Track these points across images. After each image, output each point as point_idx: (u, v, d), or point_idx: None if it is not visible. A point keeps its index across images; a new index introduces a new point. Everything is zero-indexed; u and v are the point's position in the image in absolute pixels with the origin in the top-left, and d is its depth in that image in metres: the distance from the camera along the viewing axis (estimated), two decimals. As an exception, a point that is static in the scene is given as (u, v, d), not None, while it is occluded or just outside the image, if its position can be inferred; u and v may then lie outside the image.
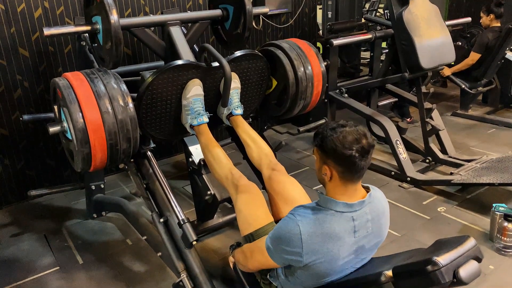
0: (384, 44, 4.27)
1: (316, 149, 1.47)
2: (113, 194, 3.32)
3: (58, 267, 2.58)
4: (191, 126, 2.15)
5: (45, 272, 2.54)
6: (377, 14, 7.30)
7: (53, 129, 2.00)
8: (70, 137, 1.96)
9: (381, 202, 1.53)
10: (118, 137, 1.94)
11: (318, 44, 5.06)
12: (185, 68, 2.08)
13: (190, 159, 2.37)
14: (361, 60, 6.18)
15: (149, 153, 2.32)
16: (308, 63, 2.51)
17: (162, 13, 3.01)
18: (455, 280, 1.22)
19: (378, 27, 4.15)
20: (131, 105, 1.97)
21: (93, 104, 1.88)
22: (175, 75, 2.07)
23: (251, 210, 1.76)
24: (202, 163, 2.27)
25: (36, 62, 3.18)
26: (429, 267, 1.21)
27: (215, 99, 2.29)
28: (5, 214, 3.20)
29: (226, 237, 2.77)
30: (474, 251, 1.29)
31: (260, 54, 2.37)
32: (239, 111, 2.24)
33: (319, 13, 5.42)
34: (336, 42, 3.59)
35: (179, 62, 2.08)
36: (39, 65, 3.20)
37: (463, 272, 1.22)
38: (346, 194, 1.43)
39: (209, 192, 2.26)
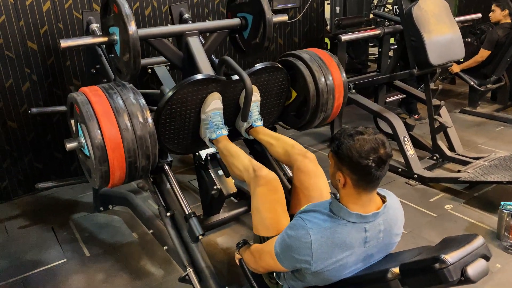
0: (392, 40, 4.24)
1: (331, 154, 1.42)
2: (120, 188, 3.33)
3: (65, 259, 2.60)
4: (210, 140, 2.11)
5: (53, 264, 2.56)
6: (386, 9, 7.24)
7: (70, 145, 1.93)
8: (87, 154, 1.91)
9: (395, 212, 1.49)
10: (137, 155, 1.89)
11: (326, 40, 5.04)
12: (205, 82, 2.03)
13: (197, 154, 2.37)
14: (369, 56, 6.15)
15: (166, 167, 2.26)
16: (329, 74, 2.41)
17: (170, 7, 2.99)
18: (463, 278, 1.21)
19: (387, 23, 4.13)
20: (150, 120, 1.91)
21: (112, 121, 1.82)
22: (195, 89, 2.02)
23: (270, 211, 1.71)
24: (208, 158, 2.27)
25: (44, 55, 3.19)
26: (437, 265, 1.20)
27: (234, 112, 2.24)
28: (13, 206, 3.23)
29: (232, 232, 2.78)
30: (482, 250, 1.28)
31: (280, 66, 2.29)
32: (259, 123, 2.19)
33: (327, 8, 5.40)
34: (344, 37, 3.57)
35: (199, 76, 2.02)
36: (47, 58, 3.22)
37: (471, 270, 1.21)
38: (360, 203, 1.39)
39: (215, 187, 2.26)
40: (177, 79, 3.46)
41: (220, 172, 2.27)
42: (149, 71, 2.83)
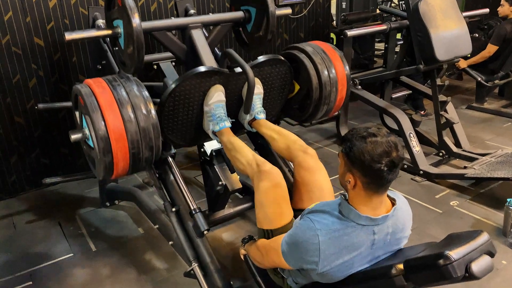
0: (399, 36, 4.22)
1: (342, 155, 1.39)
2: (126, 183, 3.36)
3: (72, 254, 2.63)
4: (213, 132, 2.11)
5: (60, 259, 2.59)
6: (392, 4, 7.19)
7: (74, 137, 1.96)
8: (92, 145, 1.92)
9: (404, 215, 1.47)
10: (140, 146, 1.91)
11: (332, 35, 5.02)
12: (208, 74, 2.04)
13: (202, 150, 2.38)
14: (376, 52, 6.11)
15: (169, 159, 2.27)
16: (332, 67, 2.41)
17: (175, 3, 2.99)
18: (467, 274, 1.21)
19: (393, 18, 4.10)
20: (153, 112, 1.93)
21: (115, 113, 1.84)
22: (198, 81, 2.03)
23: (273, 207, 1.71)
24: (213, 153, 2.28)
25: (51, 51, 3.21)
26: (441, 261, 1.19)
27: (237, 104, 2.24)
28: (20, 201, 3.26)
29: (237, 227, 2.79)
30: (487, 246, 1.27)
31: (283, 59, 2.29)
32: (262, 116, 2.19)
33: (333, 3, 5.36)
34: (350, 33, 3.55)
35: (202, 68, 2.03)
36: (54, 54, 3.23)
37: (476, 266, 1.21)
38: (370, 205, 1.36)
39: (220, 183, 2.27)
40: (182, 73, 3.46)
41: (225, 167, 2.28)
42: (155, 67, 2.84)
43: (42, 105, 2.74)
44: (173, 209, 2.18)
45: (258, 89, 2.18)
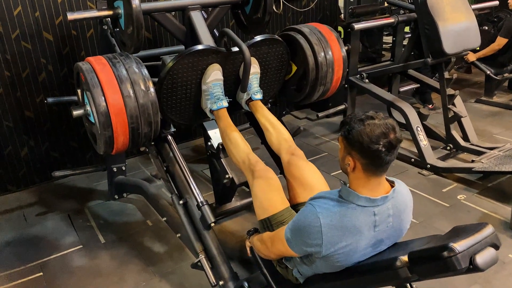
0: (407, 29, 4.19)
1: (341, 138, 1.43)
2: (134, 176, 3.39)
3: (81, 246, 2.67)
4: (211, 111, 2.16)
5: (69, 250, 2.63)
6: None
7: (76, 112, 2.05)
8: (93, 121, 2.00)
9: (404, 198, 1.50)
10: (139, 121, 1.98)
11: (340, 28, 4.99)
12: (205, 53, 2.09)
13: (209, 143, 2.40)
14: (384, 45, 6.07)
15: (169, 137, 2.35)
16: (328, 48, 2.46)
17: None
18: (471, 266, 1.21)
19: (401, 11, 4.06)
20: (152, 89, 2.00)
21: (115, 88, 1.91)
22: (195, 60, 2.08)
23: (267, 195, 1.78)
24: (220, 147, 2.30)
25: (59, 45, 3.24)
26: (445, 253, 1.20)
27: (234, 84, 2.29)
28: (31, 194, 3.31)
29: (243, 220, 2.81)
30: (491, 238, 1.28)
31: (280, 39, 2.34)
32: (259, 96, 2.23)
33: (341, -4, 5.33)
34: (357, 26, 3.54)
35: (199, 47, 2.08)
36: (63, 48, 3.26)
37: (480, 259, 1.21)
38: (369, 187, 1.40)
39: (227, 176, 2.28)
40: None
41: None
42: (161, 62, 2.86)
43: (51, 99, 2.77)
44: (181, 202, 2.21)
45: (255, 68, 2.22)
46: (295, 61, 2.50)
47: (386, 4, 5.05)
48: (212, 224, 2.09)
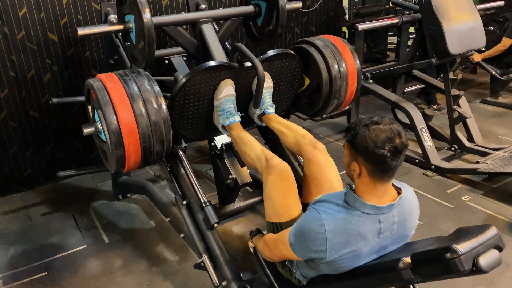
0: (412, 29, 4.17)
1: (346, 144, 1.41)
2: (138, 177, 3.40)
3: (85, 245, 2.68)
4: (223, 127, 2.13)
5: (74, 250, 2.64)
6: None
7: (87, 130, 2.00)
8: (104, 138, 1.96)
9: (410, 204, 1.48)
10: (151, 140, 1.93)
11: (344, 29, 4.99)
12: (217, 69, 2.05)
13: (213, 144, 2.40)
14: (388, 45, 6.06)
15: (180, 152, 2.30)
16: (342, 61, 2.40)
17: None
18: (474, 268, 1.21)
19: (406, 11, 4.05)
20: (164, 106, 1.95)
21: (127, 107, 1.86)
22: (207, 76, 2.04)
23: (282, 198, 1.72)
24: (224, 147, 2.30)
25: (64, 46, 3.26)
26: (448, 255, 1.19)
27: (247, 99, 2.25)
28: (36, 194, 3.33)
29: (247, 221, 2.81)
30: (495, 240, 1.26)
31: (293, 53, 2.29)
32: (272, 110, 2.19)
33: (345, -3, 5.33)
34: (361, 26, 3.53)
35: (212, 63, 2.04)
36: (67, 49, 3.28)
37: (483, 260, 1.20)
38: (375, 194, 1.38)
39: (230, 176, 2.28)
40: (193, 68, 3.48)
41: (235, 161, 2.29)
42: (166, 61, 2.86)
43: (56, 99, 2.79)
44: (184, 202, 2.21)
45: (268, 83, 2.18)
46: (308, 74, 2.44)
47: (390, 5, 5.05)
48: (215, 225, 2.09)
